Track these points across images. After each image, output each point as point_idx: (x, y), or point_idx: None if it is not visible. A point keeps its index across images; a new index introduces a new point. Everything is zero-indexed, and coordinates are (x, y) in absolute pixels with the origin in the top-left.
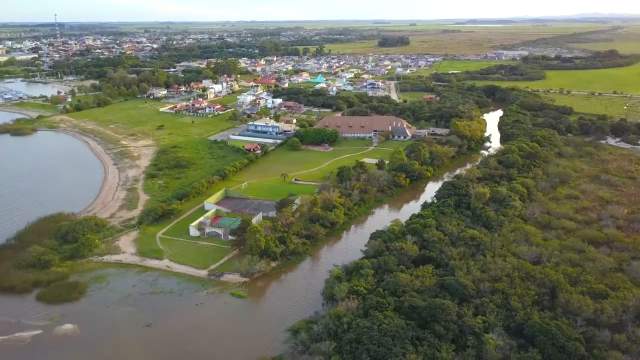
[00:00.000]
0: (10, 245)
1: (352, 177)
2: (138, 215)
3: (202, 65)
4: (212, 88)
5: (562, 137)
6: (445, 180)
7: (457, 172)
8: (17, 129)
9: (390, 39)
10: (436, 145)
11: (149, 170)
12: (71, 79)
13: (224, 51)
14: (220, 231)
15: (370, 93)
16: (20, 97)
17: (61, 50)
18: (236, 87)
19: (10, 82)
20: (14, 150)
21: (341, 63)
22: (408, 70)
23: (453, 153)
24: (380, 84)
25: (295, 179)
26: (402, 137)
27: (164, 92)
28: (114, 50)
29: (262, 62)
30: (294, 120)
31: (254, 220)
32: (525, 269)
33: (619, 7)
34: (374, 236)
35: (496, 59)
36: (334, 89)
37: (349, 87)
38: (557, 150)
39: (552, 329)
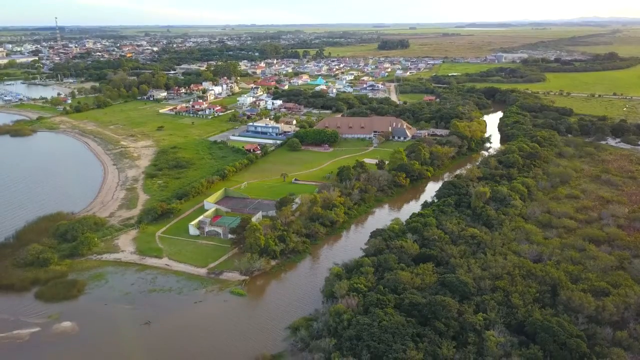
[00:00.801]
0: (9, 243)
1: (352, 176)
2: (137, 215)
3: (202, 68)
4: (212, 90)
5: (562, 138)
6: (446, 180)
7: (458, 172)
8: (16, 130)
9: (390, 42)
10: (436, 145)
11: (148, 171)
12: (71, 81)
13: (224, 54)
14: (219, 230)
15: (370, 95)
16: (20, 99)
17: (61, 53)
18: (236, 89)
19: (10, 84)
20: (14, 150)
21: (341, 65)
22: (408, 73)
23: (453, 153)
24: (380, 85)
25: (295, 179)
26: (402, 138)
27: (164, 93)
28: (114, 53)
29: (262, 64)
30: (294, 121)
31: (253, 219)
32: (526, 267)
33: (618, 11)
34: (374, 235)
35: (496, 61)
36: (334, 90)
37: (349, 89)
38: (557, 150)
39: (554, 326)
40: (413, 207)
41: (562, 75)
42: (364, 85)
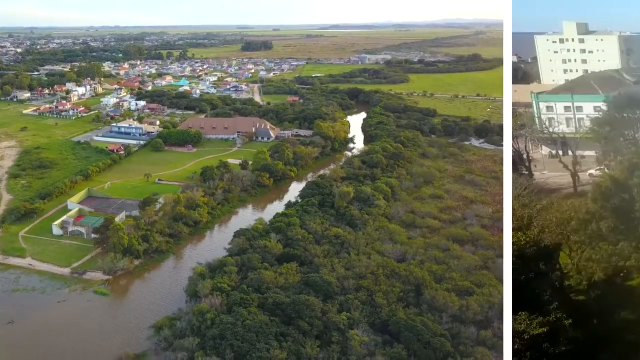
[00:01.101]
0: None
1: (216, 176)
2: (0, 215)
3: (65, 69)
4: (75, 91)
5: (426, 138)
6: (309, 180)
7: (321, 172)
8: None
9: (253, 44)
10: (300, 145)
11: (11, 171)
12: None
13: (88, 55)
14: (83, 229)
15: (233, 95)
16: None
17: None
18: (100, 89)
19: None
20: None
21: (205, 67)
22: (271, 74)
23: (317, 154)
24: (243, 86)
25: (159, 179)
26: (265, 138)
27: (27, 94)
28: None
29: (126, 65)
30: (158, 122)
31: (117, 219)
32: (390, 266)
33: (481, 13)
34: (238, 234)
35: (359, 62)
36: (198, 91)
37: (213, 90)
38: (421, 150)
39: (418, 325)
40: (277, 207)
41: (426, 76)
42: (228, 86)
